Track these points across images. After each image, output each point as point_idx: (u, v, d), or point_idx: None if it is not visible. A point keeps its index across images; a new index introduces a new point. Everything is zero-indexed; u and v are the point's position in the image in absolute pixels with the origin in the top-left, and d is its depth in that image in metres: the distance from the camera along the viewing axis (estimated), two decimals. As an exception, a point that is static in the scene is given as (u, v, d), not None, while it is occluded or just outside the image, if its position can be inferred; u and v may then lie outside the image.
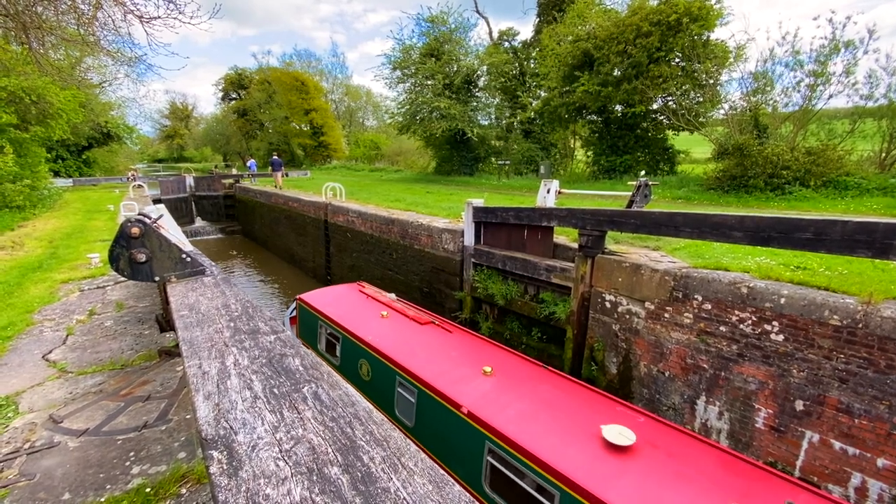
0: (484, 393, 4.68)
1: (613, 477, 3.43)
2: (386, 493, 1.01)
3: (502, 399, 4.59)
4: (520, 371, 5.22)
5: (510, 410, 4.38)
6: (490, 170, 27.90)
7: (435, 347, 5.83)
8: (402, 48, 27.53)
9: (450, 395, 4.75)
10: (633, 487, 3.32)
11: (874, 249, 4.40)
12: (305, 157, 47.76)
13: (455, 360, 5.48)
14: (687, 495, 3.26)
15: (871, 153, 14.54)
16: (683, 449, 3.82)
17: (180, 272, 3.42)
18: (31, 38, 8.14)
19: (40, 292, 6.98)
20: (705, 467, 3.59)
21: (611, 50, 17.03)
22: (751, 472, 3.53)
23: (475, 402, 4.55)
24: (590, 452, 3.71)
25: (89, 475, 2.92)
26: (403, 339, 6.10)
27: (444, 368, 5.27)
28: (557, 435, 3.98)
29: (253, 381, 1.64)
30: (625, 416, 4.28)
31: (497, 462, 4.18)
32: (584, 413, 4.31)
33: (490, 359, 5.47)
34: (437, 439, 4.98)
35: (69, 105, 17.84)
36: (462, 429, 4.53)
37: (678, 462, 3.63)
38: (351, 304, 7.45)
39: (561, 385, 4.95)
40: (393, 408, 5.71)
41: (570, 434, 3.98)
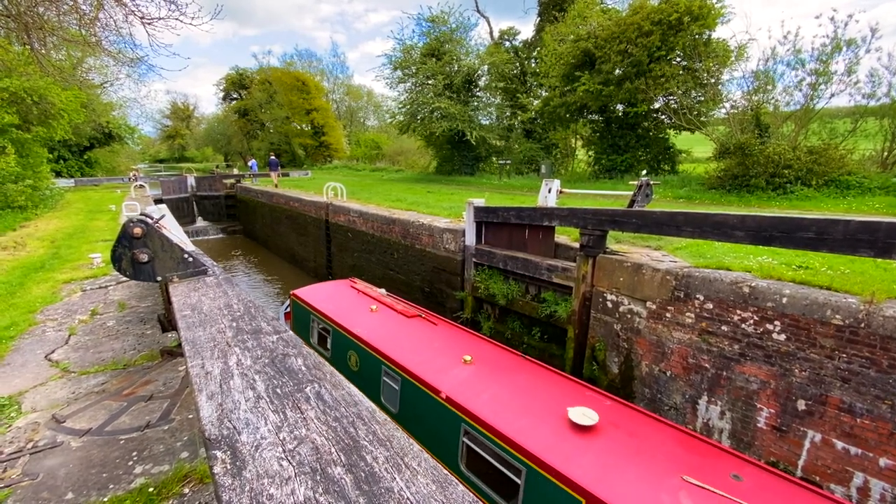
0: (462, 380, 4.98)
1: (575, 453, 3.74)
2: (390, 492, 1.02)
3: (479, 385, 4.87)
4: (498, 360, 5.49)
5: (485, 395, 4.67)
6: (491, 169, 27.89)
7: (419, 339, 6.10)
8: (403, 48, 27.53)
9: (430, 381, 5.03)
10: (593, 462, 3.63)
11: (876, 249, 4.39)
12: (306, 157, 47.78)
13: (438, 350, 5.74)
14: (641, 468, 3.57)
15: (872, 152, 14.51)
16: (642, 428, 4.12)
17: (182, 272, 3.42)
18: (32, 39, 8.16)
19: (43, 292, 7.00)
20: (661, 444, 3.88)
21: (612, 49, 17.02)
22: (703, 448, 3.87)
23: (453, 387, 4.84)
24: (555, 432, 4.01)
25: (92, 475, 2.93)
26: (390, 331, 6.37)
27: (426, 358, 5.54)
28: (527, 417, 4.26)
29: (256, 381, 1.64)
30: (591, 399, 4.59)
31: (472, 443, 4.45)
32: (553, 397, 4.59)
33: (471, 349, 5.71)
34: (418, 423, 5.23)
35: (71, 105, 17.88)
36: (440, 413, 4.81)
37: (637, 439, 3.93)
38: (342, 299, 7.69)
39: (535, 372, 5.24)
40: (379, 396, 5.93)
41: (539, 416, 4.27)
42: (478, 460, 4.41)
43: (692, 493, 3.26)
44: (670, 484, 3.37)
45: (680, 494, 3.26)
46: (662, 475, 3.49)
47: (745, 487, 3.31)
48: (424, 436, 5.11)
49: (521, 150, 26.23)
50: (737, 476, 3.46)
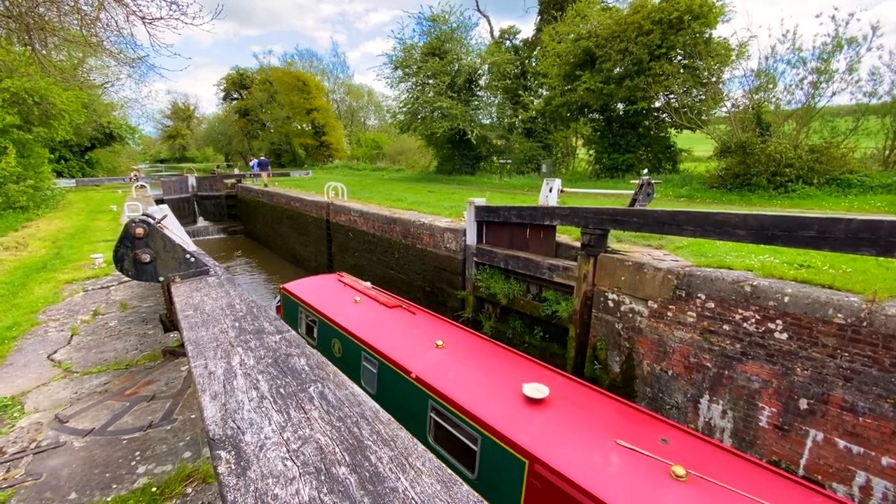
0: (433, 362, 5.41)
1: (525, 423, 4.18)
2: (394, 492, 1.02)
3: (447, 366, 5.31)
4: (469, 344, 5.93)
5: (452, 375, 5.12)
6: (492, 169, 27.86)
7: (397, 327, 6.51)
8: (404, 47, 27.51)
9: (403, 363, 5.50)
10: (539, 430, 4.08)
11: (878, 247, 4.38)
12: (307, 156, 47.77)
13: (413, 336, 6.15)
14: (581, 434, 4.04)
15: (874, 151, 14.48)
16: (588, 401, 4.56)
17: (184, 272, 3.43)
18: (33, 40, 8.16)
19: (45, 292, 7.01)
20: (603, 414, 4.33)
21: (612, 48, 16.99)
22: (639, 417, 4.35)
23: (424, 369, 5.29)
24: (510, 405, 4.45)
25: (95, 475, 2.93)
26: (371, 320, 6.79)
27: (401, 343, 5.98)
28: (486, 392, 4.72)
29: (259, 381, 1.65)
30: (546, 376, 5.00)
31: (438, 417, 4.92)
32: (513, 375, 4.99)
33: (445, 335, 6.07)
34: (392, 402, 5.59)
35: (72, 106, 17.90)
36: (411, 391, 5.27)
37: (581, 410, 4.38)
38: (328, 292, 8.09)
39: (500, 355, 5.66)
40: (359, 379, 6.32)
41: (497, 391, 4.71)
42: (442, 433, 4.86)
43: (622, 454, 3.70)
44: (605, 446, 3.81)
45: (611, 455, 3.70)
46: (599, 439, 3.92)
47: (670, 449, 3.77)
48: (397, 413, 5.22)
49: (521, 149, 26.21)
50: (665, 440, 3.92)
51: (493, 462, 4.17)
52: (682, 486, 3.31)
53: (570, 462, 3.66)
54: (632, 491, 3.32)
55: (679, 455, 3.65)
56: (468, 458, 4.50)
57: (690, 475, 3.39)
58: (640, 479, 3.43)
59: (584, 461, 3.66)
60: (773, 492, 3.33)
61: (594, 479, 3.46)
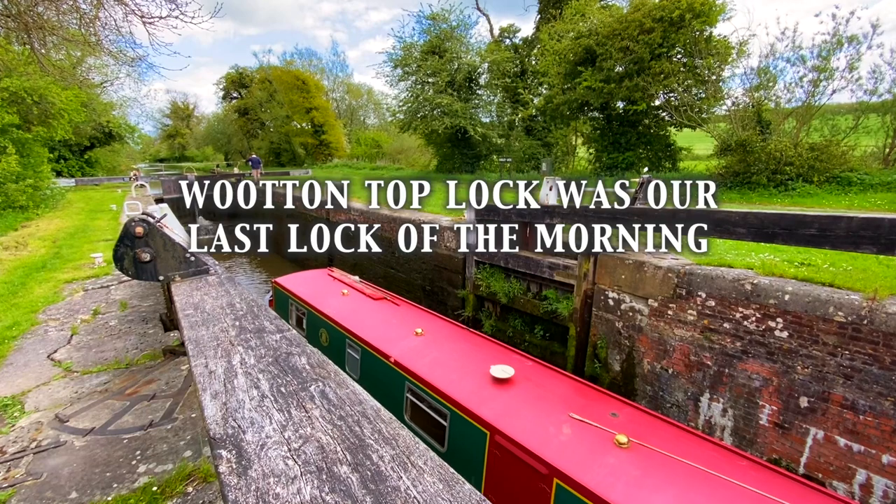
0: (411, 347, 5.78)
1: (489, 399, 4.58)
2: (396, 491, 1.01)
3: (424, 351, 5.66)
4: (447, 333, 6.25)
5: (427, 359, 5.48)
6: (491, 167, 27.83)
7: (381, 317, 6.85)
8: (404, 46, 27.48)
9: (383, 349, 5.87)
10: (501, 405, 4.47)
11: (879, 245, 4.38)
12: (307, 155, 47.70)
13: (395, 325, 6.49)
14: (539, 409, 4.41)
15: (874, 149, 14.47)
16: (549, 381, 4.92)
17: (184, 271, 3.42)
18: (32, 39, 8.15)
19: (44, 292, 7.01)
20: (562, 393, 4.69)
21: (613, 46, 16.96)
22: (594, 395, 4.71)
23: (402, 353, 5.66)
24: (477, 384, 4.83)
25: (96, 474, 2.93)
26: (356, 311, 7.12)
27: (383, 331, 6.33)
28: (457, 374, 5.09)
29: (260, 380, 1.64)
30: (514, 359, 5.36)
31: (413, 397, 5.32)
32: (483, 359, 5.32)
33: (425, 324, 6.39)
34: (373, 385, 5.93)
35: (71, 105, 17.88)
36: (390, 374, 5.65)
37: (541, 389, 4.75)
38: (318, 286, 8.43)
39: (475, 341, 6.03)
40: (344, 365, 6.62)
41: (467, 373, 5.08)
42: (417, 411, 5.28)
43: (574, 425, 4.09)
44: (559, 419, 4.19)
45: (564, 426, 4.08)
46: (555, 413, 4.30)
47: (618, 422, 4.13)
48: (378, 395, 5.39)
49: (521, 147, 26.17)
50: (615, 414, 4.28)
51: (460, 435, 4.61)
52: (624, 451, 3.71)
53: (526, 432, 4.08)
54: (577, 456, 3.73)
55: (625, 426, 4.01)
56: (439, 433, 4.90)
57: (632, 443, 3.77)
58: (587, 447, 3.82)
59: (538, 432, 4.07)
60: (706, 457, 3.66)
61: (546, 447, 3.87)
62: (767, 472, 3.59)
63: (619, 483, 3.40)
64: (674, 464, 3.55)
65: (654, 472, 3.50)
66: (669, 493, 3.30)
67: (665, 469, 3.53)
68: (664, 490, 3.33)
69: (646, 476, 3.47)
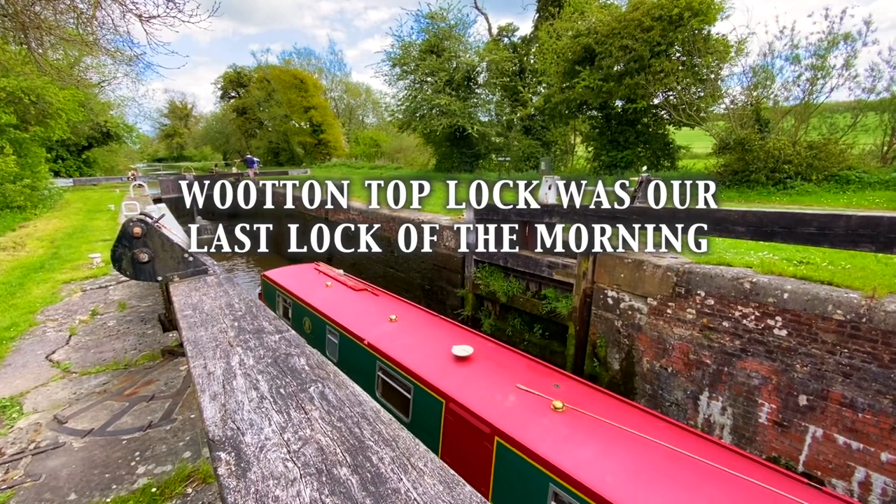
0: (384, 332, 6.24)
1: (447, 374, 5.08)
2: (396, 493, 1.01)
3: (395, 335, 6.13)
4: (419, 319, 6.72)
5: (397, 341, 5.95)
6: (490, 167, 27.81)
7: (359, 305, 7.32)
8: (402, 45, 27.41)
9: (358, 333, 6.36)
10: (458, 378, 4.98)
11: (878, 244, 4.39)
12: (306, 155, 47.60)
13: (372, 313, 6.95)
14: (490, 381, 4.89)
15: (873, 147, 14.49)
16: (505, 359, 5.42)
17: (183, 272, 3.41)
18: (29, 38, 8.11)
19: (43, 293, 6.99)
20: (514, 368, 5.16)
21: (613, 45, 16.94)
22: (541, 369, 5.19)
23: (375, 337, 6.14)
24: (439, 362, 5.33)
25: (95, 475, 2.92)
26: (337, 301, 7.59)
27: (360, 318, 6.80)
28: (422, 353, 5.60)
29: (259, 381, 1.64)
30: (475, 341, 5.84)
31: (383, 375, 5.79)
32: (448, 341, 5.76)
33: (400, 312, 6.85)
34: (350, 366, 6.39)
35: (68, 105, 17.81)
36: (364, 355, 6.15)
37: (496, 365, 5.26)
38: (304, 279, 8.92)
39: (444, 326, 6.48)
40: (325, 350, 7.03)
41: (431, 352, 5.56)
42: (387, 387, 5.78)
43: (519, 394, 4.57)
44: (506, 389, 4.69)
45: (510, 395, 4.58)
46: (504, 385, 4.77)
47: (558, 392, 4.58)
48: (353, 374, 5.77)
49: (520, 146, 26.14)
50: (557, 385, 4.75)
51: (421, 406, 5.15)
52: (558, 415, 4.21)
53: (475, 400, 4.62)
54: (517, 418, 4.25)
55: (564, 395, 4.49)
56: (405, 406, 5.40)
57: (567, 408, 4.27)
58: (526, 411, 4.34)
59: (486, 399, 4.60)
60: (629, 420, 4.13)
61: (490, 411, 4.41)
62: (685, 432, 4.08)
63: (550, 439, 3.92)
64: (599, 424, 4.06)
65: (581, 431, 4.00)
66: (591, 446, 3.82)
67: (591, 428, 4.03)
68: (587, 444, 3.84)
69: (573, 433, 3.97)
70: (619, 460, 3.62)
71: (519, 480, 3.96)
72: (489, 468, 4.22)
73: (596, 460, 3.63)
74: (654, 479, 3.43)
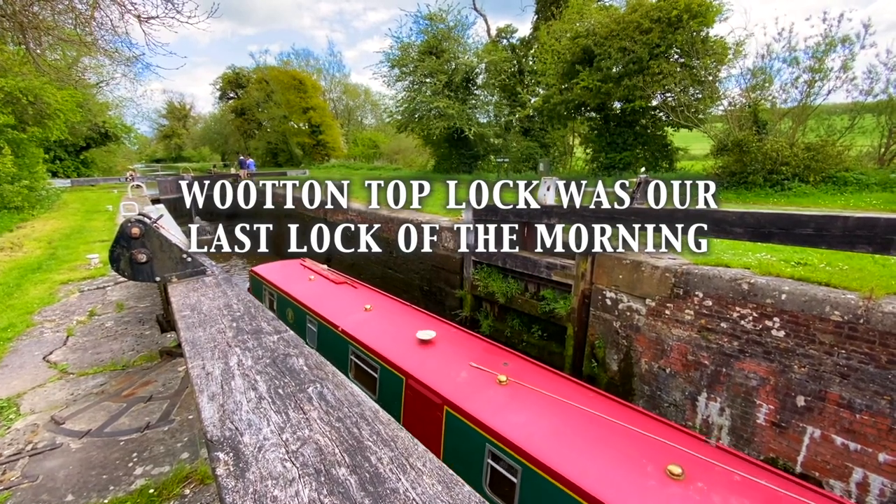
0: (358, 320, 6.71)
1: (410, 355, 5.58)
2: (395, 493, 1.01)
3: (369, 322, 6.60)
4: (393, 309, 7.22)
5: (369, 328, 6.42)
6: (489, 168, 27.84)
7: (338, 297, 7.80)
8: (401, 46, 27.43)
9: (333, 321, 6.82)
10: (418, 359, 5.49)
11: (875, 245, 4.40)
12: (304, 155, 47.58)
13: (348, 303, 7.43)
14: (447, 360, 5.39)
15: (870, 149, 14.54)
16: (465, 342, 5.93)
17: (181, 272, 3.41)
18: (28, 39, 8.10)
19: (40, 293, 6.97)
20: (471, 350, 5.65)
21: (612, 46, 16.99)
22: (495, 350, 5.72)
23: (349, 324, 6.59)
24: (404, 345, 5.84)
25: (92, 476, 2.91)
26: (318, 293, 8.07)
27: (337, 308, 7.26)
28: (390, 337, 6.10)
29: (257, 382, 1.63)
30: (439, 327, 6.35)
31: (356, 358, 6.25)
32: (415, 326, 6.23)
33: (376, 303, 7.32)
34: (326, 351, 6.77)
35: (66, 105, 17.76)
36: (339, 341, 6.58)
37: (454, 346, 5.76)
38: (289, 274, 9.42)
39: (414, 314, 6.99)
40: (305, 338, 7.30)
41: (398, 337, 6.08)
42: (358, 369, 6.23)
43: (470, 371, 5.09)
44: (460, 367, 5.20)
45: (462, 371, 5.11)
46: (459, 363, 5.30)
47: (506, 369, 5.08)
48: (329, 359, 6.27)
49: (518, 148, 26.18)
50: (506, 363, 5.26)
51: (386, 383, 5.64)
52: (502, 387, 4.74)
53: (430, 376, 5.12)
54: (464, 391, 4.77)
55: (510, 372, 5.02)
56: (372, 384, 5.88)
57: (510, 381, 4.81)
58: (474, 385, 4.85)
59: (441, 375, 5.10)
60: (567, 392, 4.65)
61: (442, 385, 4.91)
62: (610, 401, 4.62)
63: (490, 407, 4.47)
64: (535, 394, 4.60)
65: (517, 400, 4.54)
66: (525, 413, 4.35)
67: (527, 398, 4.57)
68: (521, 411, 4.38)
69: (511, 402, 4.52)
70: (546, 423, 4.21)
71: (463, 442, 4.55)
72: (440, 434, 4.83)
73: (526, 423, 4.20)
74: (573, 437, 4.03)
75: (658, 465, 3.54)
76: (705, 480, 3.41)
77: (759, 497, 3.27)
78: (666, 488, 3.32)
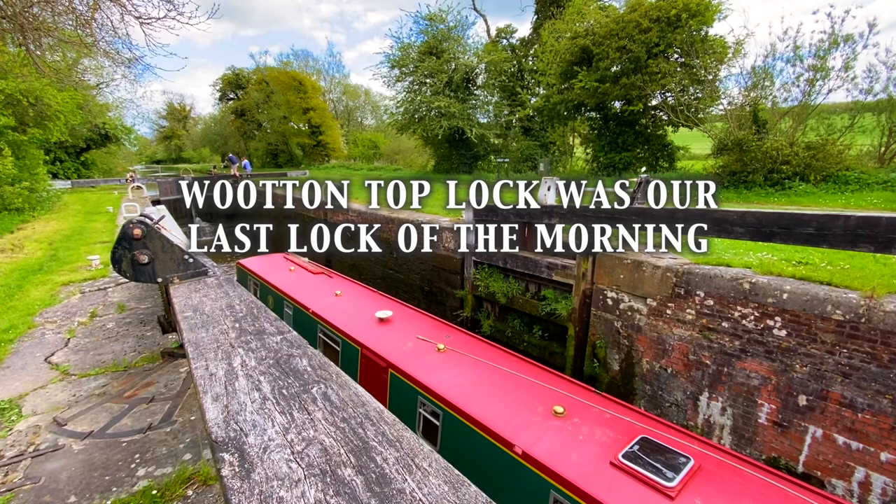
0: (327, 303, 7.53)
1: (368, 330, 6.42)
2: (401, 494, 1.01)
3: (336, 305, 7.44)
4: (361, 294, 8.08)
5: (335, 310, 7.24)
6: (489, 168, 27.83)
7: (313, 285, 8.61)
8: (401, 46, 27.43)
9: (305, 304, 7.65)
10: (374, 334, 6.29)
11: (876, 244, 4.40)
12: (304, 156, 47.57)
13: (321, 290, 8.24)
14: (398, 334, 6.19)
15: (870, 148, 14.52)
16: (416, 320, 6.77)
17: (183, 273, 3.41)
18: (28, 40, 8.10)
19: (41, 295, 6.97)
20: (422, 325, 6.50)
21: (610, 46, 16.98)
22: (443, 327, 6.48)
23: (319, 307, 7.40)
24: (365, 323, 6.65)
25: (95, 478, 2.91)
26: (296, 282, 8.91)
27: (310, 294, 8.08)
28: (352, 317, 6.93)
29: (261, 383, 1.63)
30: (399, 308, 7.19)
31: (323, 336, 7.04)
32: (375, 308, 7.05)
33: (347, 290, 8.18)
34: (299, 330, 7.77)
35: (67, 107, 17.76)
36: (310, 321, 7.36)
37: (407, 323, 6.60)
38: (272, 265, 10.33)
39: (379, 299, 7.79)
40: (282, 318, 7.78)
41: (360, 316, 6.91)
42: (324, 345, 7.01)
43: (416, 342, 5.92)
44: (408, 339, 6.02)
45: (408, 342, 5.92)
46: (407, 336, 6.12)
47: (448, 341, 5.87)
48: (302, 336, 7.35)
49: (518, 148, 26.16)
50: (448, 336, 6.08)
51: (346, 355, 6.42)
52: (439, 354, 5.56)
53: (379, 345, 5.96)
54: (406, 357, 5.59)
55: (450, 342, 5.82)
56: (335, 356, 6.60)
57: (447, 349, 5.63)
58: (415, 352, 5.69)
59: (389, 346, 5.91)
60: (494, 356, 5.47)
61: (389, 353, 5.73)
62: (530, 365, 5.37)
63: (426, 368, 5.27)
64: (466, 359, 5.42)
65: (450, 363, 5.36)
66: (453, 372, 5.16)
67: (458, 361, 5.37)
68: (450, 371, 5.17)
69: (443, 364, 5.33)
70: (467, 379, 5.03)
71: (402, 398, 5.37)
72: (386, 392, 5.64)
73: (450, 379, 5.03)
74: (486, 389, 4.83)
75: (547, 407, 4.41)
76: (581, 417, 4.28)
77: (621, 429, 4.07)
78: (548, 422, 4.22)
